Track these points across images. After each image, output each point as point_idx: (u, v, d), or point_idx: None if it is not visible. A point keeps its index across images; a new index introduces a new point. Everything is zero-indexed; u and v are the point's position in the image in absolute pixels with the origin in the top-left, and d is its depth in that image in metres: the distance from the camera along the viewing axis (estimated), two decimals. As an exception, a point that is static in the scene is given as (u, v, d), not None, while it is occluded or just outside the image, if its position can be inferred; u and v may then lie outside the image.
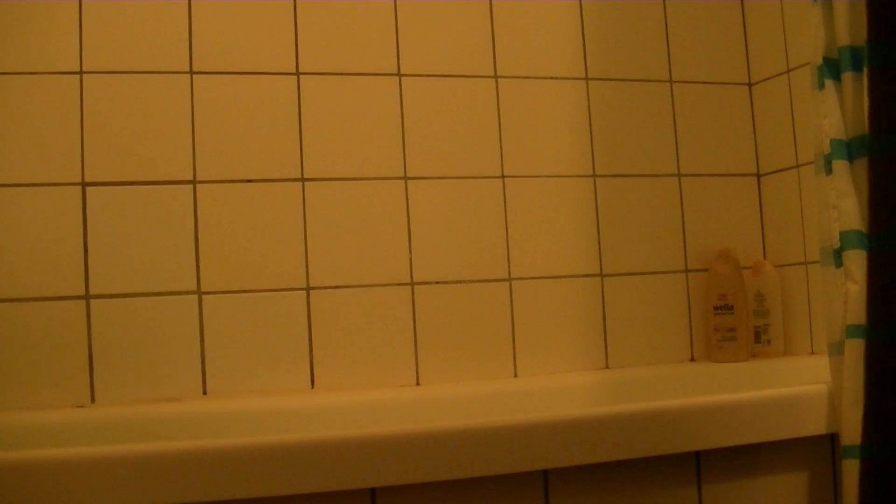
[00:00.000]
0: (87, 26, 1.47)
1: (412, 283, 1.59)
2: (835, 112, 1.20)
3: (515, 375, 1.62)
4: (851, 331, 1.15)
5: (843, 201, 1.19)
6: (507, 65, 1.67)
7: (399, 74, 1.61)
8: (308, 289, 1.53)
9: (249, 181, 1.53)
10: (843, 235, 1.18)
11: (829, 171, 1.20)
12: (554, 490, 1.04)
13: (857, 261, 1.16)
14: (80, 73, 1.46)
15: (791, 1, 1.71)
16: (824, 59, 1.22)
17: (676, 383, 1.61)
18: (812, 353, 1.66)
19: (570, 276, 1.67)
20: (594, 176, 1.71)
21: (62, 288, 1.43)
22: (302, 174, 1.55)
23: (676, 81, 1.78)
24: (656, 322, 1.72)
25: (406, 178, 1.60)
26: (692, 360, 1.74)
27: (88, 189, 1.45)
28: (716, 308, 1.71)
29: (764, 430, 1.12)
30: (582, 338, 1.67)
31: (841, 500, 1.15)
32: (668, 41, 1.78)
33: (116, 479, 0.89)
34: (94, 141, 1.46)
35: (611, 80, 1.73)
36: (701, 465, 1.10)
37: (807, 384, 1.17)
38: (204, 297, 1.48)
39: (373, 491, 0.97)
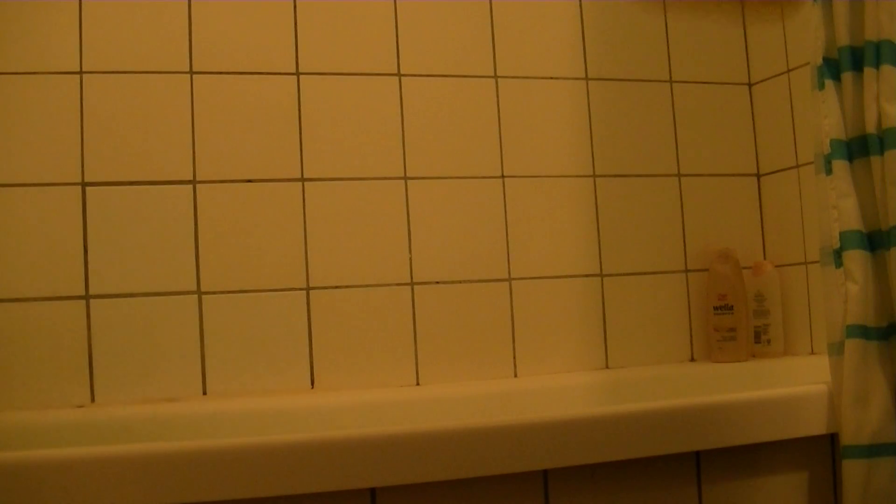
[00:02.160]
0: (87, 26, 1.47)
1: (412, 283, 1.59)
2: (835, 112, 1.20)
3: (515, 375, 1.62)
4: (851, 331, 1.15)
5: (843, 201, 1.19)
6: (507, 65, 1.67)
7: (399, 74, 1.61)
8: (308, 289, 1.53)
9: (249, 181, 1.53)
10: (843, 235, 1.18)
11: (829, 171, 1.20)
12: (554, 490, 1.04)
13: (857, 261, 1.16)
14: (80, 73, 1.46)
15: (791, 1, 1.71)
16: (824, 59, 1.22)
17: (676, 383, 1.61)
18: (812, 353, 1.66)
19: (570, 276, 1.67)
20: (594, 176, 1.71)
21: (62, 288, 1.43)
22: (302, 174, 1.55)
23: (676, 81, 1.78)
24: (656, 322, 1.72)
25: (406, 178, 1.60)
26: (692, 360, 1.74)
27: (88, 189, 1.45)
28: (716, 308, 1.71)
29: (764, 430, 1.12)
30: (582, 338, 1.67)
31: (841, 500, 1.15)
32: (668, 41, 1.78)
33: (116, 479, 0.89)
34: (94, 141, 1.46)
35: (611, 80, 1.73)
36: (701, 465, 1.10)
37: (807, 384, 1.17)
38: (204, 297, 1.48)
39: (373, 491, 0.97)
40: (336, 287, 1.55)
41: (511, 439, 1.01)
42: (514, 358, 1.63)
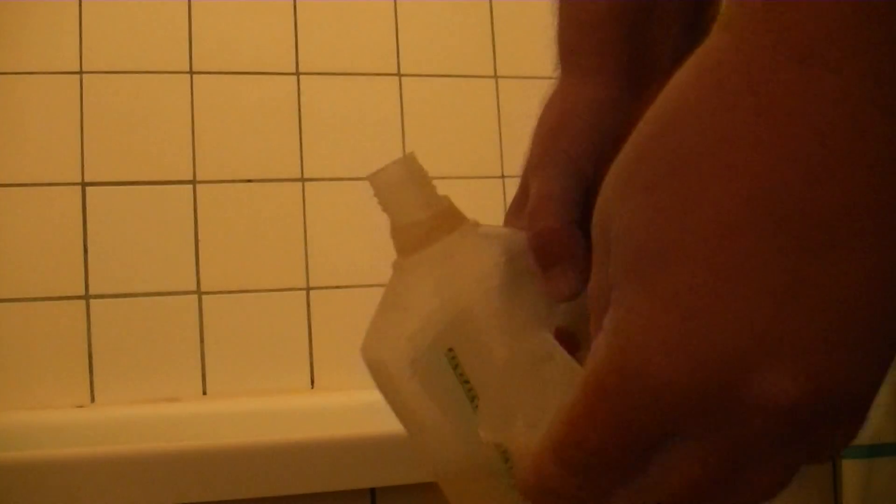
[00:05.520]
0: (87, 26, 1.47)
1: (412, 283, 1.58)
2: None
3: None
4: (851, 331, 1.15)
5: (843, 201, 1.19)
6: (507, 65, 1.67)
7: (399, 74, 1.61)
8: (308, 289, 1.53)
9: (249, 181, 1.53)
10: (843, 235, 1.18)
11: (829, 171, 1.20)
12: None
13: (857, 261, 1.16)
14: (80, 73, 1.46)
15: (791, 1, 1.71)
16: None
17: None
18: (812, 353, 1.66)
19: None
20: (594, 176, 1.71)
21: (62, 288, 1.43)
22: (302, 174, 1.55)
23: (676, 81, 1.78)
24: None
25: (406, 178, 1.60)
26: (692, 360, 1.74)
27: (88, 189, 1.45)
28: (716, 308, 1.71)
29: (764, 430, 1.11)
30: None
31: (841, 500, 1.15)
32: (668, 41, 1.78)
33: (116, 479, 0.89)
34: (94, 141, 1.46)
35: (611, 80, 1.73)
36: (701, 465, 1.10)
37: (807, 384, 1.17)
38: (204, 297, 1.48)
39: (373, 491, 0.97)
40: (336, 287, 1.55)
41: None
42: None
